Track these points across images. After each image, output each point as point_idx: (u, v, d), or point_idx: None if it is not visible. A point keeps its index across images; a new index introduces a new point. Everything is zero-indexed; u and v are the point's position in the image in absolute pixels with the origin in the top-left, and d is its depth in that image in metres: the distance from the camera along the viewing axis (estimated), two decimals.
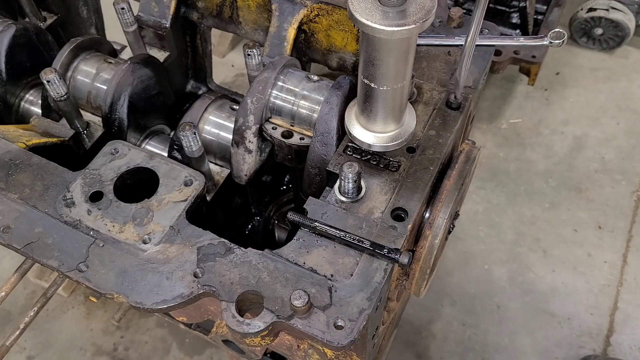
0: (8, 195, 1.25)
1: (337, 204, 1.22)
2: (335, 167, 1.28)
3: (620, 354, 2.64)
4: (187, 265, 1.14)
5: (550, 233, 2.98)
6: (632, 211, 3.05)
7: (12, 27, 1.55)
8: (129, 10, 1.63)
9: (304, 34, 1.67)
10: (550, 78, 3.60)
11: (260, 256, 1.15)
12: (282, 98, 1.43)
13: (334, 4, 1.56)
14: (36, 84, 1.66)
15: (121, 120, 1.51)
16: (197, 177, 1.28)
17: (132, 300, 1.11)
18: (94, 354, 2.70)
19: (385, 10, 0.98)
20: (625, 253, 2.92)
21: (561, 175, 3.19)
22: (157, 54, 1.79)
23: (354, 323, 1.06)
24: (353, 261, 1.14)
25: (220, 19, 1.78)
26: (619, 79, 3.58)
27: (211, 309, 1.25)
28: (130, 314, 2.74)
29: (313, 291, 1.09)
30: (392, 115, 1.21)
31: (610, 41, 3.61)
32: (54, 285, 1.67)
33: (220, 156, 1.58)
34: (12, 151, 1.32)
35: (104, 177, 1.27)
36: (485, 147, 3.29)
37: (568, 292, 2.81)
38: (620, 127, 3.37)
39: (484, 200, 3.10)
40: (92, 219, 1.21)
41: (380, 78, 1.10)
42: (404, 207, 1.21)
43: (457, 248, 2.93)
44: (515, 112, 3.46)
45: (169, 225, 1.20)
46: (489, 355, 2.66)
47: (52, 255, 1.16)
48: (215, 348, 2.66)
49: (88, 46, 1.62)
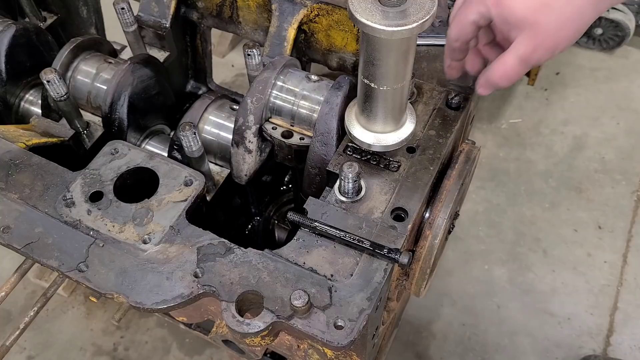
0: (8, 195, 1.25)
1: (337, 204, 1.22)
2: (335, 167, 1.28)
3: (620, 354, 2.64)
4: (187, 265, 1.14)
5: (550, 233, 2.98)
6: (632, 211, 3.05)
7: (12, 27, 1.55)
8: (129, 10, 1.63)
9: (304, 34, 1.67)
10: (550, 78, 3.60)
11: (260, 256, 1.15)
12: (282, 98, 1.43)
13: (334, 4, 1.56)
14: (36, 84, 1.66)
15: (121, 120, 1.51)
16: (197, 177, 1.28)
17: (132, 300, 1.11)
18: (94, 354, 2.70)
19: (385, 10, 0.98)
20: (625, 253, 2.92)
21: (561, 175, 3.19)
22: (157, 54, 1.79)
23: (354, 323, 1.06)
24: (353, 261, 1.14)
25: (220, 19, 1.78)
26: (619, 79, 3.58)
27: (211, 309, 1.25)
28: (130, 314, 2.74)
29: (313, 291, 1.09)
30: (392, 115, 1.21)
31: (610, 41, 3.61)
32: (54, 285, 1.67)
33: (220, 156, 1.58)
34: (12, 151, 1.32)
35: (104, 177, 1.27)
36: (485, 147, 3.29)
37: (568, 292, 2.81)
38: (620, 127, 3.37)
39: (484, 200, 3.10)
40: (92, 219, 1.21)
41: (380, 78, 1.10)
42: (404, 207, 1.21)
43: (457, 248, 2.93)
44: (515, 112, 3.46)
45: (169, 225, 1.20)
46: (489, 355, 2.66)
47: (52, 255, 1.16)
48: (215, 348, 2.66)
49: (88, 46, 1.62)
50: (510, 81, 1.10)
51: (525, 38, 1.03)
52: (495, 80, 1.11)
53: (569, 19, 1.01)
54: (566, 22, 1.01)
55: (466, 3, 1.10)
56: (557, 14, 0.99)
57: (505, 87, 1.12)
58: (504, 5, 1.02)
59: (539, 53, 1.04)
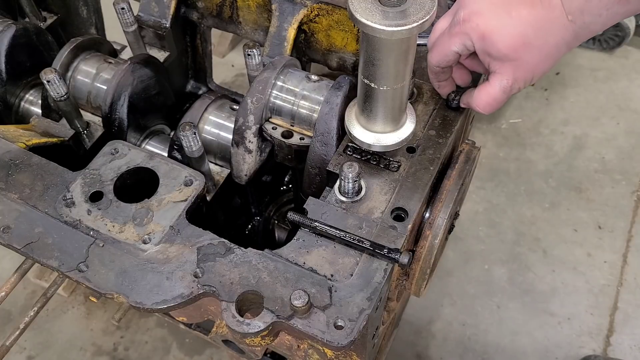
0: (8, 195, 1.25)
1: (337, 204, 1.22)
2: (335, 167, 1.28)
3: (620, 354, 2.64)
4: (187, 265, 1.14)
5: (550, 233, 2.98)
6: (632, 211, 3.05)
7: (12, 27, 1.55)
8: (129, 10, 1.63)
9: (304, 34, 1.67)
10: (550, 78, 3.60)
11: (260, 256, 1.15)
12: (282, 98, 1.43)
13: (334, 4, 1.56)
14: (36, 84, 1.66)
15: (121, 120, 1.51)
16: (197, 177, 1.28)
17: (132, 300, 1.11)
18: (94, 354, 2.70)
19: (385, 10, 0.98)
20: (625, 253, 2.92)
21: (561, 175, 3.19)
22: (157, 54, 1.79)
23: (354, 323, 1.06)
24: (353, 261, 1.14)
25: (220, 19, 1.78)
26: (619, 79, 3.58)
27: (211, 309, 1.25)
28: (130, 314, 2.74)
29: (313, 291, 1.09)
30: (392, 115, 1.21)
31: (610, 41, 3.61)
32: (54, 285, 1.67)
33: (220, 156, 1.58)
34: (12, 151, 1.32)
35: (104, 177, 1.27)
36: (485, 147, 3.29)
37: (568, 292, 2.81)
38: (620, 127, 3.37)
39: (484, 200, 3.10)
40: (92, 219, 1.21)
41: (380, 78, 1.11)
42: (404, 207, 1.21)
43: (457, 248, 2.93)
44: (515, 112, 3.46)
45: (169, 225, 1.20)
46: (489, 355, 2.66)
47: (52, 255, 1.16)
48: (215, 348, 2.66)
49: (88, 46, 1.62)
50: (493, 109, 1.19)
51: (508, 72, 1.10)
52: (479, 108, 1.20)
53: (546, 55, 1.08)
54: (544, 58, 1.09)
55: (450, 33, 1.14)
56: (536, 51, 1.07)
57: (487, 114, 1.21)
58: (488, 42, 1.08)
59: (519, 84, 1.13)
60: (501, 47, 1.07)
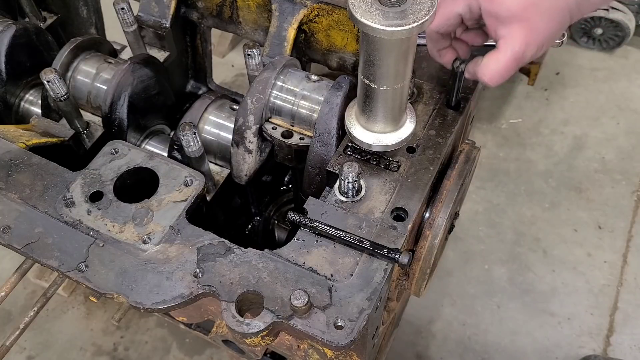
0: (8, 195, 1.25)
1: (337, 204, 1.22)
2: (335, 167, 1.28)
3: (620, 354, 2.64)
4: (187, 265, 1.14)
5: (550, 233, 2.98)
6: (632, 211, 3.05)
7: (12, 27, 1.55)
8: (129, 10, 1.63)
9: (304, 34, 1.67)
10: (550, 78, 3.60)
11: (260, 256, 1.15)
12: (282, 98, 1.43)
13: (334, 4, 1.56)
14: (36, 84, 1.66)
15: (121, 120, 1.51)
16: (197, 177, 1.28)
17: (132, 300, 1.11)
18: (94, 354, 2.70)
19: (385, 10, 0.98)
20: (625, 253, 2.92)
21: (561, 175, 3.19)
22: (157, 54, 1.79)
23: (354, 323, 1.06)
24: (353, 261, 1.14)
25: (220, 19, 1.78)
26: (619, 79, 3.58)
27: (211, 309, 1.25)
28: (130, 314, 2.74)
29: (313, 291, 1.09)
30: (392, 115, 1.21)
31: (610, 41, 3.61)
32: (54, 285, 1.67)
33: (220, 156, 1.58)
34: (12, 151, 1.32)
35: (104, 177, 1.27)
36: (485, 147, 3.29)
37: (568, 292, 2.81)
38: (620, 127, 3.37)
39: (484, 200, 3.10)
40: (92, 219, 1.21)
41: (380, 78, 1.10)
42: (404, 207, 1.21)
43: (457, 248, 2.93)
44: (515, 112, 3.46)
45: (169, 225, 1.20)
46: (489, 355, 2.66)
47: (52, 255, 1.16)
48: (215, 348, 2.66)
49: (88, 46, 1.62)
50: (502, 79, 1.09)
51: (519, 35, 1.04)
52: (486, 78, 1.10)
53: (554, 19, 1.04)
54: (550, 21, 1.04)
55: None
56: (546, 13, 1.03)
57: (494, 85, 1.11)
58: (496, 1, 1.03)
59: (531, 49, 1.05)
60: (510, 5, 1.02)
